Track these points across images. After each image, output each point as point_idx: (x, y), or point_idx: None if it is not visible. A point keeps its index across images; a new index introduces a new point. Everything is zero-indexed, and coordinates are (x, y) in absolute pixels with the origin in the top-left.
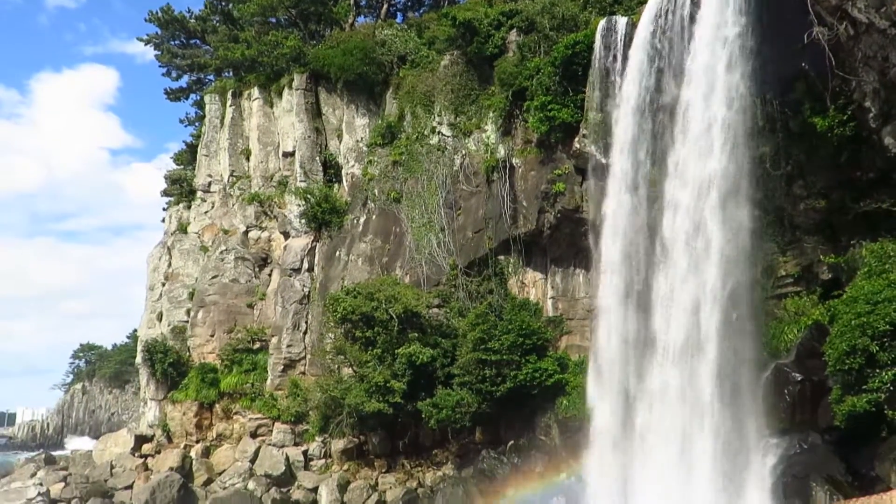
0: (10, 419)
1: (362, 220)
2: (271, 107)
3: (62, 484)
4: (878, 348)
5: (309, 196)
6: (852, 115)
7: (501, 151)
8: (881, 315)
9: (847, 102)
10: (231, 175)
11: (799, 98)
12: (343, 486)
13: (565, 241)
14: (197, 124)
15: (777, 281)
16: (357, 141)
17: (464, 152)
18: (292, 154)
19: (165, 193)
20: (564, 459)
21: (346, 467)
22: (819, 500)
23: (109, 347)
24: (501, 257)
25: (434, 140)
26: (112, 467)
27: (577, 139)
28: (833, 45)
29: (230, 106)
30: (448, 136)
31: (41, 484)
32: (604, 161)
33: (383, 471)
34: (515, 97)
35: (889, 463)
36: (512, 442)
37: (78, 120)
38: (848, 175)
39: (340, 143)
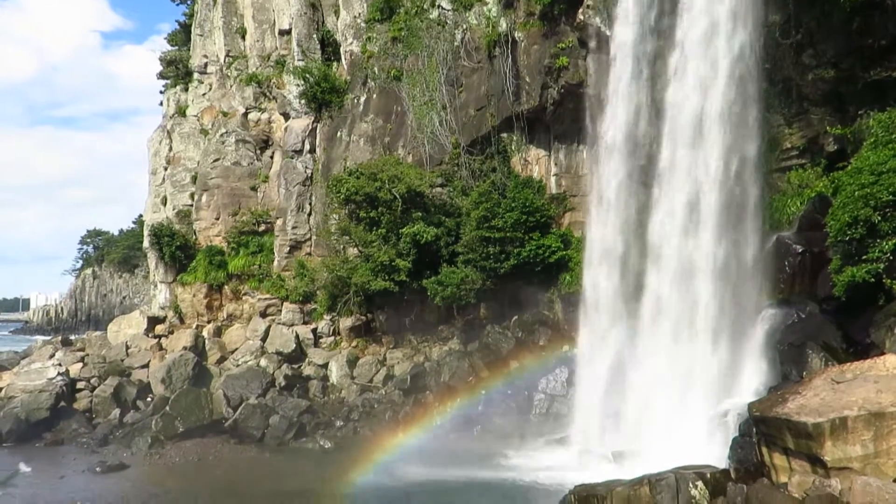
0: (24, 304)
1: (363, 99)
2: None
3: (80, 364)
4: (879, 218)
5: (307, 75)
6: None
7: (503, 25)
8: (885, 185)
9: None
10: (227, 55)
11: None
12: (352, 362)
13: (569, 118)
14: (189, 2)
15: (782, 153)
16: (355, 17)
17: (465, 27)
18: (289, 32)
19: (161, 76)
20: (567, 333)
21: (354, 344)
22: (815, 366)
23: (116, 233)
24: (504, 135)
25: (434, 14)
26: (127, 348)
27: (580, 10)
28: None
29: None
30: (448, 10)
31: (60, 364)
32: (608, 33)
33: (391, 347)
34: None
35: (884, 330)
36: (516, 317)
37: (65, 1)
38: (859, 43)
39: (338, 19)
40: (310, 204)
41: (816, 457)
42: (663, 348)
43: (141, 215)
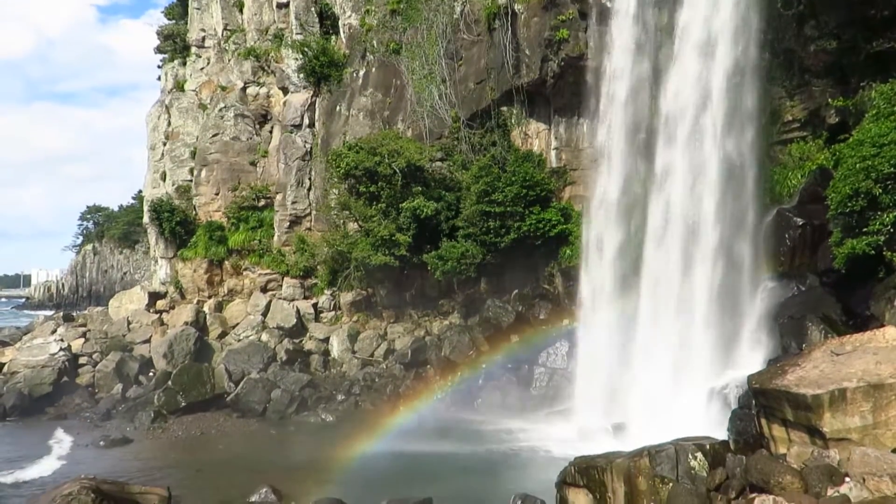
0: (25, 281)
1: (362, 73)
2: None
3: (82, 340)
4: (881, 191)
5: (306, 49)
6: None
7: None
8: (886, 158)
9: None
10: (225, 29)
11: None
12: (353, 336)
13: (569, 91)
14: None
15: (783, 126)
16: None
17: None
18: (287, 5)
19: (159, 50)
20: (567, 307)
21: (355, 318)
22: (814, 338)
23: (116, 209)
24: (504, 108)
25: None
26: (129, 323)
27: None
28: None
29: None
30: None
31: (62, 340)
32: (609, 4)
33: (391, 321)
34: None
35: (884, 302)
36: (516, 291)
37: None
38: (862, 13)
39: None
40: (309, 179)
41: (815, 428)
42: (663, 318)
43: (140, 191)
